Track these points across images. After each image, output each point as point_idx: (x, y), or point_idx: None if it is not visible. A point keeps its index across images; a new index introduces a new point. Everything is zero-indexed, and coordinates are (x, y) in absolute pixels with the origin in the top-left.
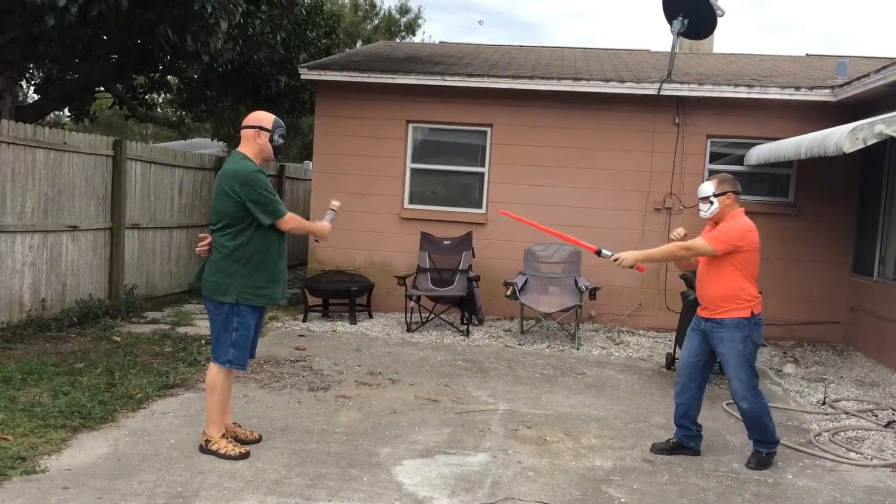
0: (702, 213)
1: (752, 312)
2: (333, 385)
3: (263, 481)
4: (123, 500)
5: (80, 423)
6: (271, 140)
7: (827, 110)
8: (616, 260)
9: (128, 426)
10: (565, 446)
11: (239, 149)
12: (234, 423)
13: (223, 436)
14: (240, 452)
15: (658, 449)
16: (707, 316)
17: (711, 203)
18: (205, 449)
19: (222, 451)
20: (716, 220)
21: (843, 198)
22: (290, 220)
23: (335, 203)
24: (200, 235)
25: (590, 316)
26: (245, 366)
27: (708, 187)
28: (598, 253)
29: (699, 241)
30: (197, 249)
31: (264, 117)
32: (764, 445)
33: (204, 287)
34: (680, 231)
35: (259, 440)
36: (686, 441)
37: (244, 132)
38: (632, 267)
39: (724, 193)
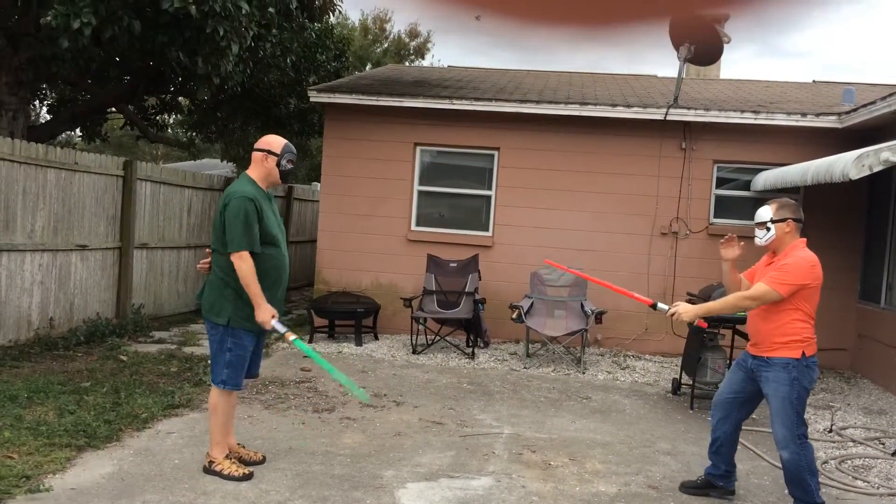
0: (757, 240)
1: (804, 353)
2: (338, 406)
3: (267, 503)
4: None
5: (86, 443)
6: (279, 165)
7: (834, 137)
8: (673, 315)
9: (132, 446)
10: (570, 471)
11: (247, 171)
12: (238, 444)
13: (227, 457)
14: (243, 473)
15: (687, 486)
16: (755, 353)
17: (768, 229)
18: (208, 470)
19: (226, 472)
20: (773, 250)
21: (850, 224)
22: (242, 262)
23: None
24: (207, 251)
25: (595, 340)
26: (239, 386)
27: (766, 212)
28: (654, 307)
29: (763, 289)
30: (198, 266)
31: (274, 141)
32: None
33: (202, 306)
34: (729, 252)
35: (263, 461)
36: (714, 479)
37: (253, 154)
38: (691, 323)
39: (783, 220)
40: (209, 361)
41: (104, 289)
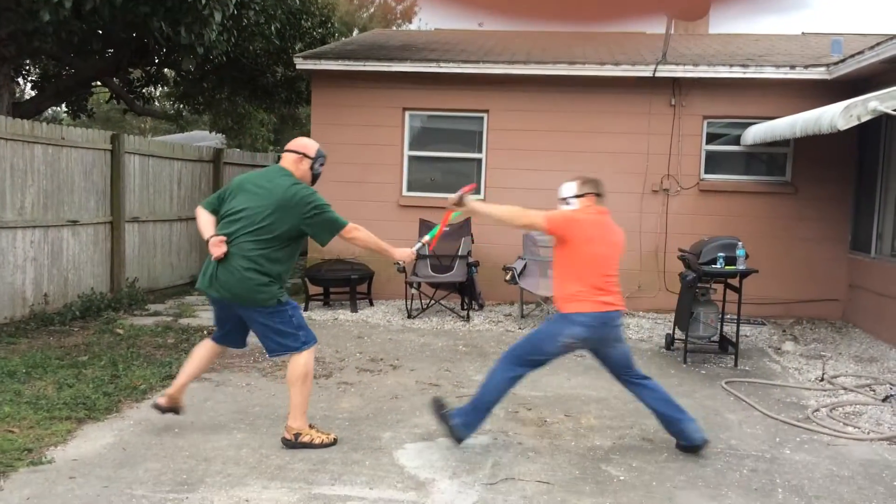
0: None
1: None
2: (335, 372)
3: (267, 467)
4: (129, 489)
5: (85, 415)
6: (312, 168)
7: (823, 88)
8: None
9: (132, 416)
10: (565, 427)
11: (285, 167)
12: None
13: (310, 426)
14: (333, 439)
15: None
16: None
17: (569, 205)
18: (294, 444)
19: (317, 441)
20: None
21: (840, 175)
22: (358, 232)
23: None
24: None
25: None
26: (316, 338)
27: (568, 188)
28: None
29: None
30: (214, 255)
31: (309, 145)
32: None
33: (237, 298)
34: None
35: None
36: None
37: (287, 155)
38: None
39: (584, 195)
40: (206, 332)
41: (97, 263)
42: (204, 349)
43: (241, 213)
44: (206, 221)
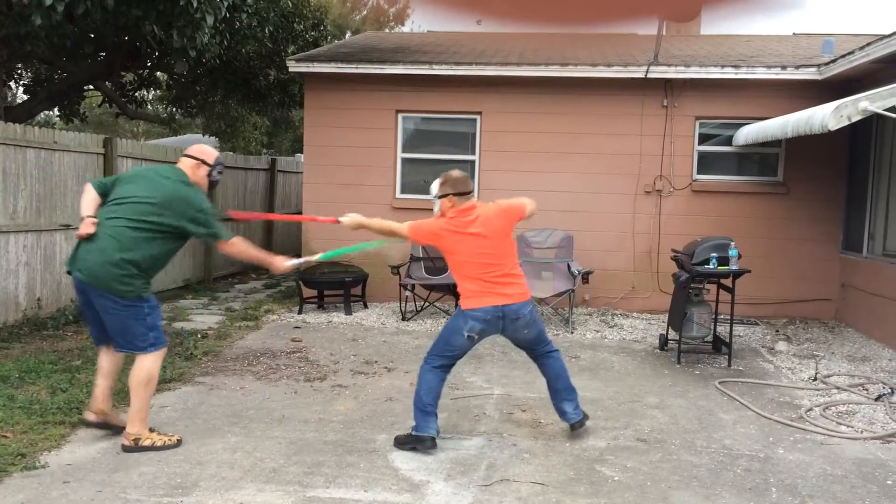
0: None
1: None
2: (330, 375)
3: (262, 470)
4: (124, 493)
5: (79, 420)
6: (209, 175)
7: (814, 88)
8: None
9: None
10: (560, 428)
11: (182, 170)
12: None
13: (151, 429)
14: (177, 440)
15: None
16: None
17: (435, 204)
18: (133, 448)
19: (159, 444)
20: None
21: (831, 175)
22: (234, 247)
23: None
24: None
25: (583, 300)
26: (165, 343)
27: (433, 188)
28: (337, 221)
29: (403, 226)
30: (78, 234)
31: (208, 151)
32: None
33: (94, 281)
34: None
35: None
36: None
37: (185, 160)
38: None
39: (445, 195)
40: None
41: None
42: (102, 358)
43: (126, 200)
44: (88, 199)
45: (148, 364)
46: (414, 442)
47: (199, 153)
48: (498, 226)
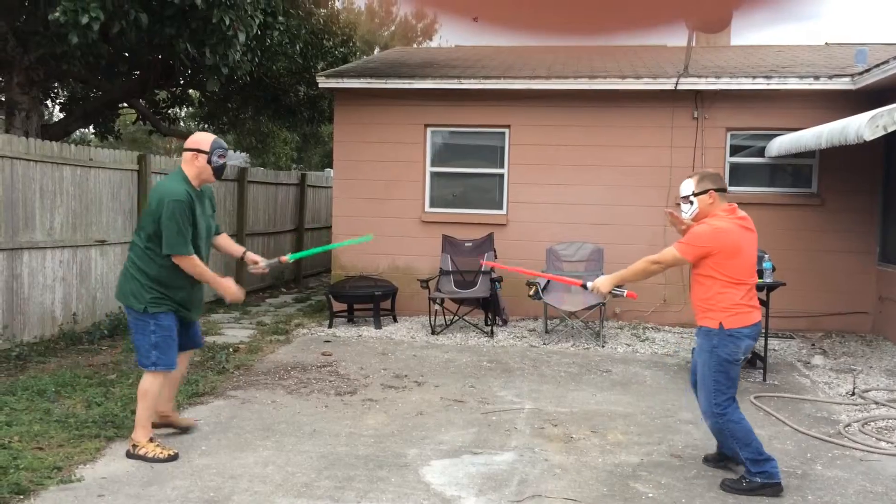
0: (683, 215)
1: (722, 325)
2: (360, 389)
3: (293, 485)
4: None
5: (114, 433)
6: (210, 161)
7: (847, 99)
8: (594, 290)
9: (160, 434)
10: (592, 443)
11: (182, 167)
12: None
13: (150, 440)
14: (168, 455)
15: (707, 459)
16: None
17: (692, 203)
18: (131, 454)
19: (150, 455)
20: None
21: (867, 186)
22: (183, 262)
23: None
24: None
25: (614, 313)
26: (172, 366)
27: (688, 186)
28: (584, 286)
29: (668, 251)
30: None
31: (202, 139)
32: (748, 472)
33: (117, 294)
34: (676, 225)
35: (194, 426)
36: (723, 450)
37: (183, 154)
38: (616, 296)
39: (705, 192)
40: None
41: None
42: None
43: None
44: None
45: (146, 381)
46: (759, 478)
47: (193, 144)
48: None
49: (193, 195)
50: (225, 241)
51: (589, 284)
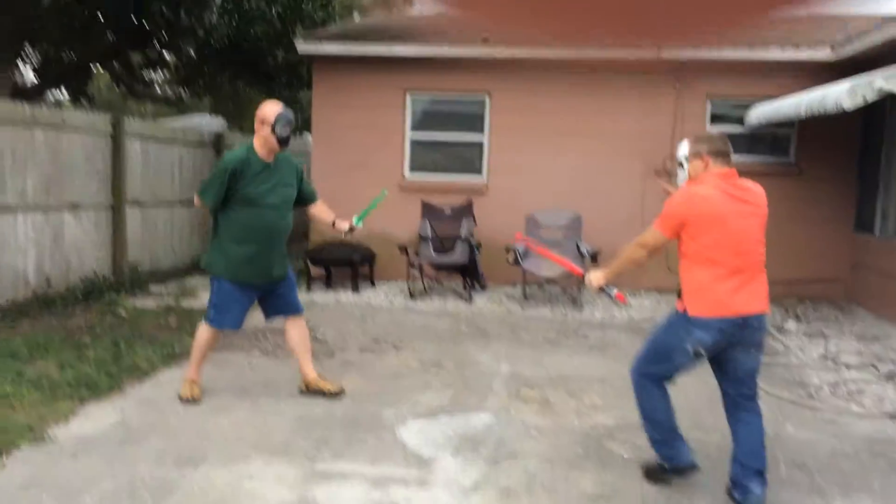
0: (678, 183)
1: (686, 310)
2: (337, 352)
3: (269, 444)
4: (133, 465)
5: (88, 394)
6: (273, 131)
7: (828, 68)
8: (588, 285)
9: (135, 395)
10: (568, 406)
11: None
12: (319, 375)
13: (193, 382)
14: (188, 397)
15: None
16: None
17: (683, 167)
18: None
19: (180, 391)
20: None
21: (844, 155)
22: (196, 201)
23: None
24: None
25: None
26: (223, 326)
27: (682, 148)
28: (583, 278)
29: (648, 230)
30: None
31: (268, 110)
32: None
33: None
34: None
35: (342, 392)
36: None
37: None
38: (609, 295)
39: (697, 155)
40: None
41: (99, 246)
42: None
43: None
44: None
45: (199, 330)
46: (662, 462)
47: (259, 115)
48: (765, 213)
49: (253, 161)
50: (318, 209)
51: (586, 277)
